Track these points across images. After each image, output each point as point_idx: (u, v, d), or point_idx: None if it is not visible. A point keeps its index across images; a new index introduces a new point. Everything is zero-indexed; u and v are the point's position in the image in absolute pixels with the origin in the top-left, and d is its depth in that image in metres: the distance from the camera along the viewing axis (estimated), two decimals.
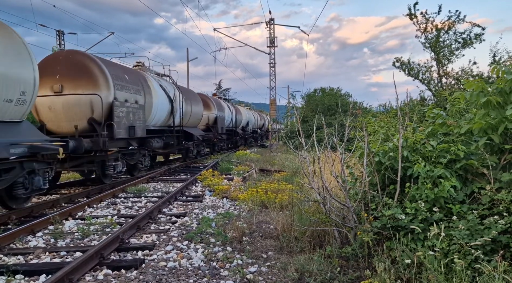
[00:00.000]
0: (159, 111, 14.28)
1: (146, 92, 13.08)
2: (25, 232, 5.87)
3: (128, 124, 11.45)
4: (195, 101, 19.48)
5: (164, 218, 7.04)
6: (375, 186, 4.49)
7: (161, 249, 5.12)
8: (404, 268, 3.53)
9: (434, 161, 4.10)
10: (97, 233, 5.94)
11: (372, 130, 5.54)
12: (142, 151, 12.96)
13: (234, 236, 5.44)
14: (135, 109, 11.94)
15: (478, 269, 3.13)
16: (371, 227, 4.04)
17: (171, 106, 15.36)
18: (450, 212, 3.77)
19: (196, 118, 19.33)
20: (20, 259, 4.82)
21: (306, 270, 4.06)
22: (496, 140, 3.84)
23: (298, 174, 10.44)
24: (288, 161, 15.80)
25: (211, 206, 8.05)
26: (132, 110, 11.73)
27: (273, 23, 29.57)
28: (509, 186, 3.63)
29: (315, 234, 5.01)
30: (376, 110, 20.44)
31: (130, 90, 11.85)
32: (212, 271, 4.29)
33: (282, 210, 6.71)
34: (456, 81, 15.29)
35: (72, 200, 8.91)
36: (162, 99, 14.57)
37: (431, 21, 15.30)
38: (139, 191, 9.77)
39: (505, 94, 3.87)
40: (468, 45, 15.04)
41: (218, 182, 10.42)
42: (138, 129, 12.00)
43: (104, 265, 4.48)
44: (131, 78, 12.26)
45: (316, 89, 30.98)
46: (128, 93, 11.67)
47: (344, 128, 5.16)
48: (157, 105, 13.90)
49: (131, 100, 11.74)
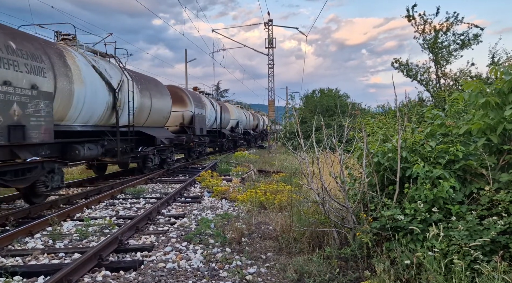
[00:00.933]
0: (88, 104, 9.74)
1: (59, 73, 8.48)
2: (23, 234, 5.85)
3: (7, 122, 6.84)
4: (159, 93, 14.61)
5: (163, 219, 7.02)
6: (374, 186, 4.49)
7: (160, 250, 5.11)
8: (403, 268, 3.53)
9: (433, 162, 4.10)
10: (95, 235, 5.93)
11: (371, 131, 5.55)
12: (47, 165, 8.12)
13: (233, 237, 5.43)
14: (28, 98, 7.29)
15: (478, 269, 3.13)
16: (370, 228, 4.04)
17: (114, 97, 10.94)
18: (449, 213, 3.77)
19: (160, 116, 14.70)
20: (18, 261, 4.80)
21: (305, 271, 4.06)
22: (494, 140, 3.85)
23: (297, 175, 10.44)
24: (287, 162, 15.80)
25: (210, 207, 8.04)
26: (20, 99, 7.11)
27: (272, 24, 29.62)
28: (508, 186, 3.64)
29: (314, 235, 5.01)
30: (375, 111, 20.49)
31: (18, 67, 7.26)
32: (211, 272, 4.29)
33: (281, 211, 6.71)
34: (454, 82, 15.33)
35: (70, 201, 8.89)
36: (96, 87, 10.11)
37: (429, 23, 15.35)
38: (137, 192, 9.76)
39: (503, 94, 3.87)
40: (466, 46, 15.09)
41: (216, 183, 10.42)
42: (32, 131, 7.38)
43: (102, 267, 4.47)
44: (23, 47, 7.61)
45: (315, 90, 31.04)
46: (13, 70, 7.11)
47: (343, 129, 5.16)
48: (83, 94, 9.42)
49: (18, 83, 7.19)
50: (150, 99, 13.67)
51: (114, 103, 10.98)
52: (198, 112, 19.05)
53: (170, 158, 15.42)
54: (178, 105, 17.85)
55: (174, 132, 17.52)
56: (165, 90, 15.71)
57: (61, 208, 8.09)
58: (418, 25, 15.47)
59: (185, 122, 18.31)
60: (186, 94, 18.71)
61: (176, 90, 18.53)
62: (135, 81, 12.66)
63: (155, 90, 14.40)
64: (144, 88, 13.39)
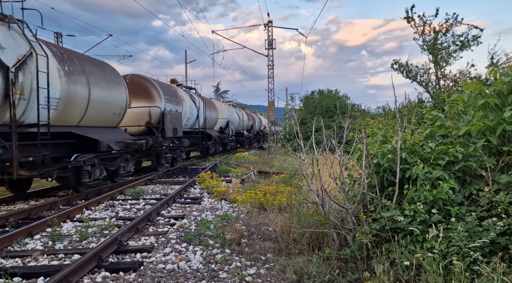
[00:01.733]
0: None
1: None
2: (23, 235, 5.85)
3: None
4: (105, 80, 10.84)
5: (163, 220, 7.02)
6: (374, 188, 4.49)
7: (160, 252, 5.11)
8: (403, 270, 3.53)
9: (432, 163, 4.11)
10: (95, 236, 5.93)
11: (370, 132, 5.55)
12: None
13: (232, 238, 5.43)
14: None
15: (477, 270, 3.14)
16: (370, 229, 4.04)
17: (6, 80, 6.99)
18: (448, 214, 3.77)
19: (108, 112, 10.98)
20: (18, 262, 4.80)
21: (304, 272, 4.06)
22: (494, 142, 3.85)
23: (296, 176, 10.44)
24: (286, 163, 15.81)
25: (210, 208, 8.04)
26: None
27: (271, 26, 29.64)
28: (507, 188, 3.64)
29: (313, 236, 5.01)
30: (375, 112, 20.51)
31: None
32: (211, 273, 4.29)
33: (281, 212, 6.71)
34: (454, 83, 15.35)
35: (70, 202, 8.88)
36: None
37: (429, 24, 15.38)
38: (137, 193, 9.75)
39: (502, 96, 3.88)
40: (465, 48, 15.12)
41: (216, 184, 10.42)
42: None
43: (102, 268, 4.46)
44: None
45: (314, 91, 31.09)
46: None
47: (343, 130, 5.16)
48: None
49: None
50: (88, 88, 9.55)
51: (7, 89, 7.24)
52: (171, 109, 15.28)
53: (124, 169, 11.44)
54: (142, 99, 14.29)
55: (138, 134, 13.99)
56: (116, 78, 11.58)
57: (61, 209, 8.09)
58: (418, 27, 15.52)
59: (153, 121, 14.42)
60: (154, 86, 14.76)
61: (140, 80, 14.77)
62: (58, 59, 8.76)
63: (98, 76, 10.22)
64: (77, 72, 9.25)
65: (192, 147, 19.56)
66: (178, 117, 15.91)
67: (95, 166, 9.67)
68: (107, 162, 10.51)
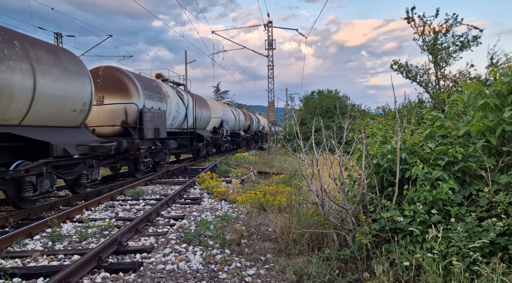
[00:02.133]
0: None
1: None
2: (23, 235, 5.85)
3: None
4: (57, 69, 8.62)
5: (163, 220, 7.02)
6: (374, 188, 4.49)
7: (160, 252, 5.11)
8: (402, 270, 3.53)
9: (432, 163, 4.11)
10: (95, 236, 5.93)
11: (370, 133, 5.55)
12: None
13: (232, 239, 5.43)
14: None
15: (477, 271, 3.14)
16: (369, 229, 4.04)
17: None
18: (448, 214, 3.77)
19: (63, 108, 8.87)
20: (17, 262, 4.80)
21: (304, 273, 4.06)
22: (494, 142, 3.85)
23: (296, 177, 10.44)
24: (286, 163, 15.81)
25: (210, 208, 8.04)
26: None
27: (271, 26, 29.65)
28: (507, 188, 3.64)
29: (313, 236, 5.01)
30: (375, 113, 20.52)
31: None
32: (211, 274, 4.29)
33: (281, 213, 6.70)
34: (454, 84, 15.37)
35: (70, 202, 8.88)
36: None
37: (429, 24, 15.40)
38: (137, 193, 9.75)
39: (502, 96, 3.88)
40: (465, 48, 15.13)
41: (216, 185, 10.42)
42: None
43: (102, 268, 4.46)
44: None
45: (314, 92, 31.10)
46: None
47: (343, 130, 5.16)
48: None
49: None
50: (33, 77, 7.69)
51: None
52: (152, 106, 13.38)
53: (87, 177, 9.68)
54: (117, 95, 12.32)
55: (113, 135, 12.22)
56: (77, 67, 9.57)
57: (61, 210, 8.09)
58: (418, 27, 15.53)
59: (130, 121, 12.46)
60: (131, 80, 12.59)
61: (115, 73, 12.62)
62: None
63: (49, 64, 8.34)
64: (16, 57, 7.35)
65: (181, 149, 17.64)
66: (161, 116, 13.93)
67: (43, 175, 7.71)
68: (63, 170, 8.68)
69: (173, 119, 15.75)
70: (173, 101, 15.72)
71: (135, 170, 12.91)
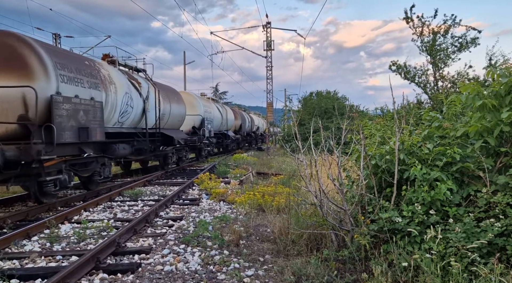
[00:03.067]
0: None
1: None
2: (21, 236, 5.83)
3: None
4: None
5: (161, 221, 7.01)
6: (372, 189, 4.50)
7: (158, 253, 5.10)
8: (401, 271, 3.53)
9: (430, 164, 4.11)
10: (93, 237, 5.92)
11: (368, 133, 5.55)
12: None
13: (231, 240, 5.42)
14: None
15: (475, 271, 3.14)
16: (368, 230, 4.04)
17: None
18: (446, 215, 3.78)
19: None
20: (15, 264, 4.78)
21: (303, 274, 4.05)
22: (491, 143, 3.86)
23: (295, 177, 10.45)
24: (285, 164, 15.81)
25: (208, 209, 8.03)
26: None
27: (270, 27, 29.68)
28: (505, 188, 3.65)
29: (312, 237, 5.01)
30: (373, 113, 20.53)
31: None
32: (209, 275, 4.28)
33: (279, 213, 6.70)
34: (452, 84, 15.41)
35: (68, 203, 8.87)
36: None
37: (427, 25, 15.44)
38: (135, 194, 9.74)
39: (500, 97, 3.89)
40: (464, 49, 15.18)
41: (215, 186, 10.41)
42: None
43: (100, 269, 4.46)
44: None
45: (312, 92, 31.10)
46: None
47: (341, 131, 5.17)
48: None
49: None
50: None
51: None
52: (76, 95, 8.73)
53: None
54: (9, 74, 7.50)
55: (6, 138, 7.40)
56: None
57: (59, 211, 8.08)
58: (416, 27, 15.57)
59: (31, 115, 7.49)
60: (34, 51, 7.73)
61: (7, 40, 7.62)
62: None
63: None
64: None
65: (138, 156, 13.23)
66: (94, 109, 9.43)
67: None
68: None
69: (122, 115, 11.50)
70: (121, 90, 11.25)
71: (40, 194, 8.23)
